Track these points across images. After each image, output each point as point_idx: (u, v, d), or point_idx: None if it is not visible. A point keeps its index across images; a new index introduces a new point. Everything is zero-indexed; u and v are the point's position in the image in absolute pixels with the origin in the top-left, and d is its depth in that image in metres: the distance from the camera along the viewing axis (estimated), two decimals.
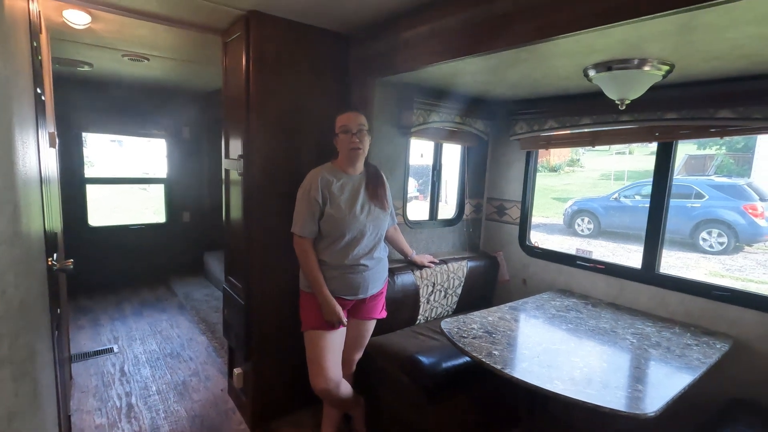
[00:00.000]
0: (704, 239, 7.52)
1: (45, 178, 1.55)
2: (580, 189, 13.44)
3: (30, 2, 1.43)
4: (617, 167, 13.66)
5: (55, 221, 2.05)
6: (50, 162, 1.97)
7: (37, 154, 1.31)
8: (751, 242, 7.40)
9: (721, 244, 7.37)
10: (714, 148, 12.94)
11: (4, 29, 0.85)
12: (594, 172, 15.31)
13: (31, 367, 0.94)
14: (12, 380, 0.84)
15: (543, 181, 15.38)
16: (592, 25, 1.26)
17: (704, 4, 1.00)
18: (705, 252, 7.46)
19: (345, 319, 1.91)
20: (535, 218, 11.19)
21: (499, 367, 1.46)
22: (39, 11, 1.90)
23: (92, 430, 2.31)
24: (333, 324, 1.88)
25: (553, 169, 16.60)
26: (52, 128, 2.35)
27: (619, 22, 1.17)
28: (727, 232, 7.32)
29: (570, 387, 1.36)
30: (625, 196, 8.75)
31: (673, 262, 7.30)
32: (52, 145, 2.10)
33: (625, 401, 1.30)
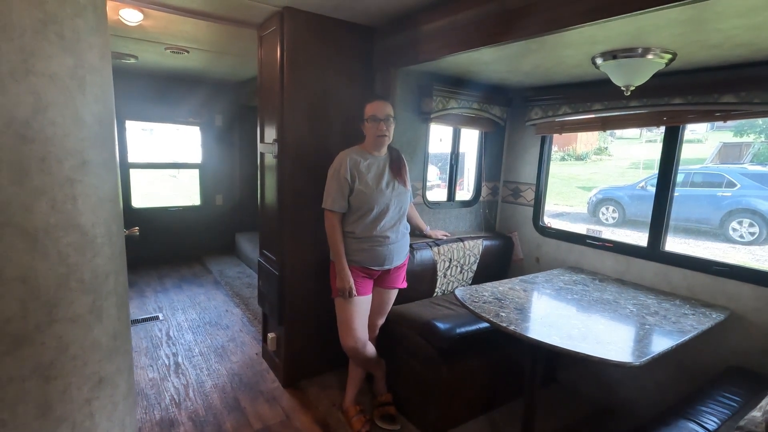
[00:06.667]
0: (734, 229, 7.35)
1: None
2: (606, 178, 13.14)
3: None
4: (647, 156, 13.16)
5: None
6: None
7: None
8: None
9: (752, 234, 7.19)
10: (752, 136, 12.39)
11: (107, 34, 1.08)
12: (623, 160, 14.88)
13: (126, 301, 1.20)
14: (116, 308, 1.09)
15: (569, 169, 15.09)
16: (591, 19, 1.41)
17: (676, 3, 1.14)
18: (735, 242, 7.31)
19: (355, 290, 2.07)
20: (559, 207, 11.14)
21: (504, 324, 1.66)
22: None
23: (146, 381, 2.64)
24: (344, 292, 2.06)
25: (580, 158, 16.23)
26: None
27: (613, 16, 1.32)
28: (758, 221, 7.16)
29: (566, 341, 1.54)
30: (653, 185, 8.60)
31: (700, 253, 7.18)
32: None
33: (614, 354, 1.47)
